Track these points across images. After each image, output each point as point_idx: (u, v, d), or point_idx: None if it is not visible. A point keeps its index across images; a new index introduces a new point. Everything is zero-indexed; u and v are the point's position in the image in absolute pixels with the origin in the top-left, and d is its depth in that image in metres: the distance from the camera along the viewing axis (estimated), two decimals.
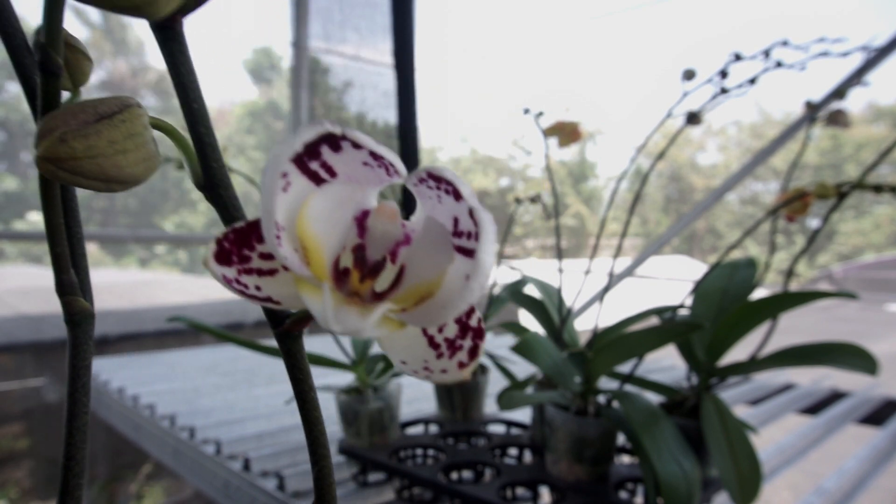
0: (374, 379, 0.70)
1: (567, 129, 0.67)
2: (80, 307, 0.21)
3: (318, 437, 0.20)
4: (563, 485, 0.57)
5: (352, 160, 0.17)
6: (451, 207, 0.16)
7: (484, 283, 0.15)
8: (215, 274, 0.16)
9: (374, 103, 2.37)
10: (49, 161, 0.16)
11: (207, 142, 0.19)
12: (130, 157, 0.17)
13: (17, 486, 1.75)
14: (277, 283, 0.17)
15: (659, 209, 17.05)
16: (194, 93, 0.18)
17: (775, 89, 16.95)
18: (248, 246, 0.17)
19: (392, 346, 0.18)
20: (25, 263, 7.36)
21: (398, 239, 0.17)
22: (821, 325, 6.60)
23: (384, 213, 0.17)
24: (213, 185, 0.19)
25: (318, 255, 0.16)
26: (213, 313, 2.49)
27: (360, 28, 2.30)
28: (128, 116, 0.18)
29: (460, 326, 0.18)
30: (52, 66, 0.18)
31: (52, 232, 0.21)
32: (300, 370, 0.20)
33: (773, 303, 0.57)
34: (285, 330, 0.20)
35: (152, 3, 0.16)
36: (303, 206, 0.16)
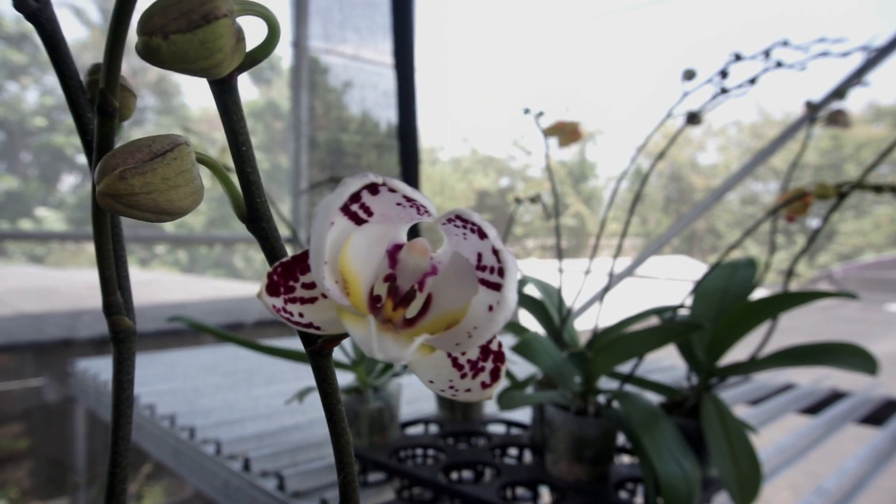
0: (374, 379, 0.70)
1: (567, 129, 0.67)
2: (124, 326, 0.23)
3: (345, 446, 0.22)
4: (563, 485, 0.57)
5: (387, 201, 0.18)
6: (475, 244, 0.18)
7: (508, 315, 0.17)
8: (266, 305, 0.18)
9: (374, 103, 2.37)
10: (109, 196, 0.18)
11: (253, 180, 0.21)
12: (181, 192, 0.19)
13: (17, 486, 1.75)
14: (317, 309, 0.19)
15: (659, 209, 17.06)
16: (243, 137, 0.21)
17: (775, 89, 16.94)
18: (292, 278, 0.19)
19: (420, 367, 0.20)
20: (26, 263, 7.37)
21: (426, 271, 0.19)
22: (821, 325, 6.60)
23: (416, 249, 0.19)
24: (257, 219, 0.21)
25: (356, 286, 0.18)
26: (213, 313, 2.49)
27: (360, 28, 2.30)
28: (178, 154, 0.19)
29: (482, 350, 0.20)
30: (110, 108, 0.20)
31: (101, 257, 0.23)
32: (329, 385, 0.22)
33: (773, 303, 0.57)
34: (318, 349, 0.21)
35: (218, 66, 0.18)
36: (344, 245, 0.18)
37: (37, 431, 1.78)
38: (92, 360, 1.30)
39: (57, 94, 8.55)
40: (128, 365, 0.23)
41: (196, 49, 0.17)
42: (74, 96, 0.23)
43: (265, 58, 0.20)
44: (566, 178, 16.60)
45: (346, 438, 0.22)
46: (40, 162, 8.69)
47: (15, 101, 8.07)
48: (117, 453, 0.23)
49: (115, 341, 0.23)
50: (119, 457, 0.23)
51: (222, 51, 0.18)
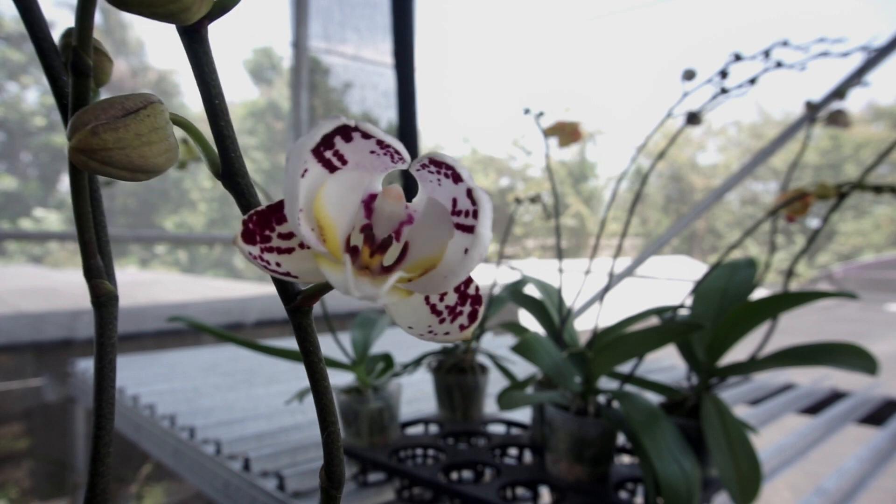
0: (374, 379, 0.70)
1: (567, 129, 0.67)
2: (105, 290, 0.23)
3: (328, 404, 0.22)
4: (563, 485, 0.57)
5: (361, 149, 0.18)
6: (449, 189, 0.18)
7: (482, 254, 0.17)
8: (242, 251, 0.18)
9: (374, 103, 2.38)
10: (82, 152, 0.18)
11: (227, 134, 0.21)
12: (154, 149, 0.19)
13: (17, 486, 1.75)
14: (294, 259, 0.19)
15: (659, 209, 17.05)
16: (215, 89, 0.20)
17: (775, 89, 16.94)
18: (268, 227, 0.19)
19: (399, 313, 0.20)
20: (25, 263, 7.36)
21: (402, 219, 0.19)
22: (821, 325, 6.60)
23: (391, 195, 0.19)
24: (232, 174, 0.21)
25: (332, 233, 0.18)
26: (212, 313, 2.49)
27: (360, 28, 2.30)
28: (152, 111, 0.19)
29: (459, 295, 0.20)
30: (83, 66, 0.20)
31: (80, 220, 0.23)
32: (310, 343, 0.22)
33: (773, 303, 0.57)
34: (297, 305, 0.21)
35: (186, 11, 0.18)
36: (319, 191, 0.18)
37: (37, 431, 1.78)
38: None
39: None
40: (110, 329, 0.23)
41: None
42: (49, 59, 0.23)
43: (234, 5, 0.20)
44: (566, 178, 16.60)
45: (328, 397, 0.22)
46: (40, 162, 8.68)
47: (15, 101, 8.07)
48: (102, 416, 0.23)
49: (96, 305, 0.23)
50: (103, 420, 0.23)
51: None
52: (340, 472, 0.23)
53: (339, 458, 0.22)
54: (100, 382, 0.23)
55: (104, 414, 0.23)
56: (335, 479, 0.23)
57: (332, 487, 0.23)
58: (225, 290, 4.52)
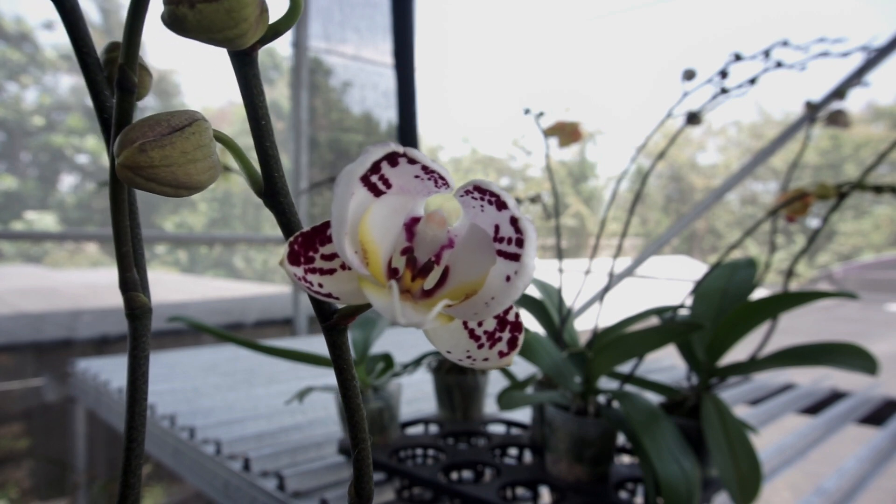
0: (374, 379, 0.70)
1: (567, 129, 0.67)
2: (140, 302, 0.24)
3: (359, 422, 0.22)
4: (563, 485, 0.57)
5: (405, 173, 0.19)
6: (492, 216, 0.19)
7: (527, 283, 0.17)
8: (289, 273, 0.18)
9: (374, 103, 2.38)
10: (129, 168, 0.18)
11: (272, 154, 0.21)
12: (199, 166, 0.20)
13: (17, 486, 1.75)
14: (336, 280, 0.20)
15: (659, 209, 17.05)
16: (262, 111, 0.21)
17: (775, 89, 16.94)
18: (312, 248, 0.19)
19: (438, 338, 0.20)
20: (25, 263, 7.36)
21: (443, 243, 0.20)
22: (821, 325, 6.60)
23: (434, 221, 0.19)
24: (275, 193, 0.21)
25: (375, 256, 0.18)
26: (212, 313, 2.49)
27: (360, 28, 2.30)
28: (197, 129, 0.20)
29: (498, 321, 0.20)
30: (128, 83, 0.21)
31: (118, 233, 0.23)
32: (344, 361, 0.22)
33: (773, 303, 0.57)
34: (333, 324, 0.22)
35: (242, 37, 0.18)
36: (364, 215, 0.18)
37: (37, 431, 1.78)
38: (92, 360, 1.30)
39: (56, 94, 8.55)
40: (143, 341, 0.24)
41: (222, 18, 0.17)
42: (92, 74, 0.23)
43: (287, 30, 0.20)
44: (566, 178, 16.60)
45: (360, 414, 0.22)
46: (39, 162, 8.68)
47: (14, 101, 8.07)
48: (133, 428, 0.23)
49: (131, 318, 0.23)
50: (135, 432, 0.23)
51: (247, 20, 0.18)
52: (370, 490, 0.23)
53: (368, 475, 0.22)
54: (132, 395, 0.23)
55: (136, 426, 0.23)
56: (364, 496, 0.23)
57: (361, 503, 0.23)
58: (225, 290, 4.52)
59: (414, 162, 0.18)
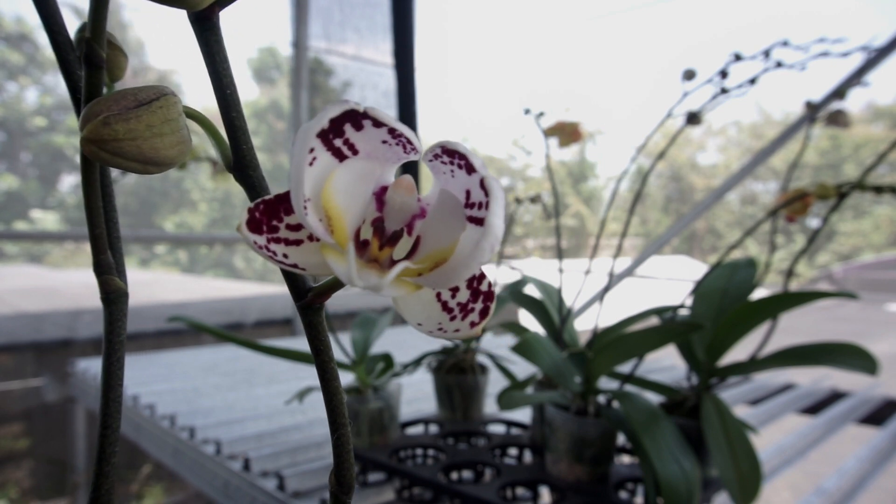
0: (374, 379, 0.70)
1: (567, 129, 0.67)
2: (115, 286, 0.23)
3: (338, 405, 0.22)
4: (563, 485, 0.57)
5: (372, 138, 0.18)
6: (463, 181, 0.18)
7: (494, 245, 0.16)
8: (247, 239, 0.18)
9: (374, 103, 2.37)
10: (93, 142, 0.18)
11: (238, 125, 0.20)
12: (166, 141, 0.19)
13: (17, 486, 1.75)
14: (303, 251, 0.19)
15: (659, 209, 17.05)
16: (227, 79, 0.20)
17: (775, 89, 16.94)
18: (276, 217, 0.19)
19: (409, 309, 0.19)
20: (25, 263, 7.36)
21: (414, 212, 0.19)
22: (821, 325, 6.60)
23: (402, 186, 0.18)
24: (243, 167, 0.21)
25: (340, 224, 0.18)
26: (212, 313, 2.49)
27: (360, 28, 2.30)
28: (164, 103, 0.19)
29: (472, 292, 0.19)
30: (96, 58, 0.20)
31: (91, 214, 0.22)
32: (321, 341, 0.21)
33: (773, 303, 0.57)
34: (308, 302, 0.21)
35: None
36: (327, 180, 0.18)
37: (37, 431, 1.78)
38: (92, 359, 1.30)
39: (56, 94, 8.55)
40: (119, 326, 0.23)
41: None
42: (63, 53, 0.23)
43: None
44: (566, 178, 16.60)
45: (339, 398, 0.22)
46: (40, 162, 8.68)
47: (15, 101, 8.07)
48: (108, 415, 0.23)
49: (106, 302, 0.23)
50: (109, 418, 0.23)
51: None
52: (350, 476, 0.22)
53: (349, 461, 0.22)
54: (107, 381, 0.23)
55: (110, 413, 0.23)
56: (345, 483, 0.22)
57: (343, 492, 0.22)
58: (225, 290, 4.52)
59: (380, 124, 0.17)
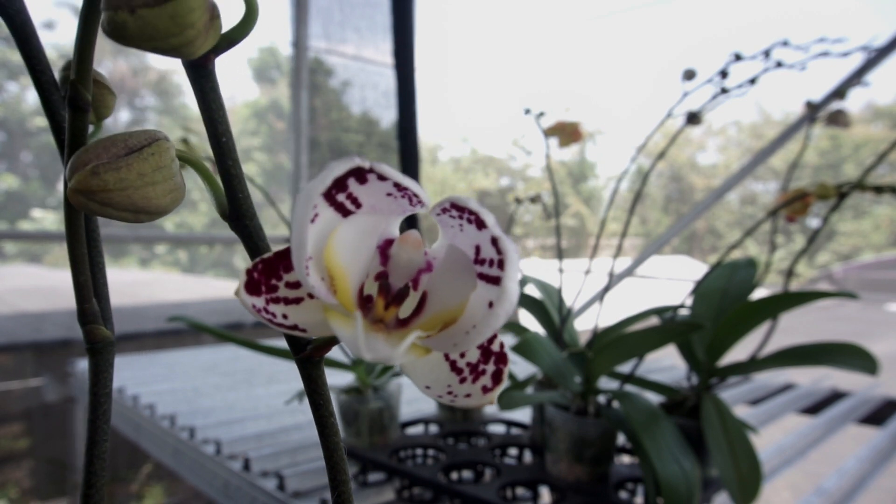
0: (374, 379, 0.70)
1: (567, 129, 0.67)
2: (101, 335, 0.22)
3: (339, 462, 0.21)
4: (563, 485, 0.57)
5: (376, 191, 0.17)
6: (472, 236, 0.17)
7: (509, 310, 0.15)
8: (246, 304, 0.17)
9: (374, 103, 2.38)
10: (81, 193, 0.17)
11: (234, 174, 0.19)
12: (159, 189, 0.18)
13: (17, 486, 1.75)
14: (303, 310, 0.18)
15: (659, 209, 17.06)
16: (223, 126, 0.19)
17: (775, 89, 16.95)
18: (275, 276, 0.18)
19: (415, 371, 0.18)
20: (25, 263, 7.36)
21: (420, 266, 0.18)
22: (821, 325, 6.60)
23: (409, 242, 0.17)
24: (240, 216, 0.20)
25: (343, 283, 0.17)
26: (213, 313, 2.49)
27: (360, 28, 2.30)
28: (156, 150, 0.18)
29: (482, 351, 0.18)
30: (82, 102, 0.19)
31: (75, 262, 0.21)
32: (321, 396, 0.20)
33: (773, 303, 0.57)
34: (307, 356, 0.20)
35: (189, 45, 0.17)
36: (330, 237, 0.17)
37: (37, 431, 1.78)
38: None
39: None
40: (105, 377, 0.22)
41: (165, 24, 0.16)
42: (47, 93, 0.22)
43: (243, 38, 0.19)
44: (566, 178, 16.60)
45: (339, 454, 0.21)
46: (40, 162, 8.68)
47: (15, 101, 8.07)
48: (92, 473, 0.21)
49: (92, 352, 0.22)
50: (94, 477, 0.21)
51: (194, 27, 0.16)
52: None
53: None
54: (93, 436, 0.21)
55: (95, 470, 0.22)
56: None
57: None
58: (225, 290, 4.52)
59: (384, 178, 0.16)
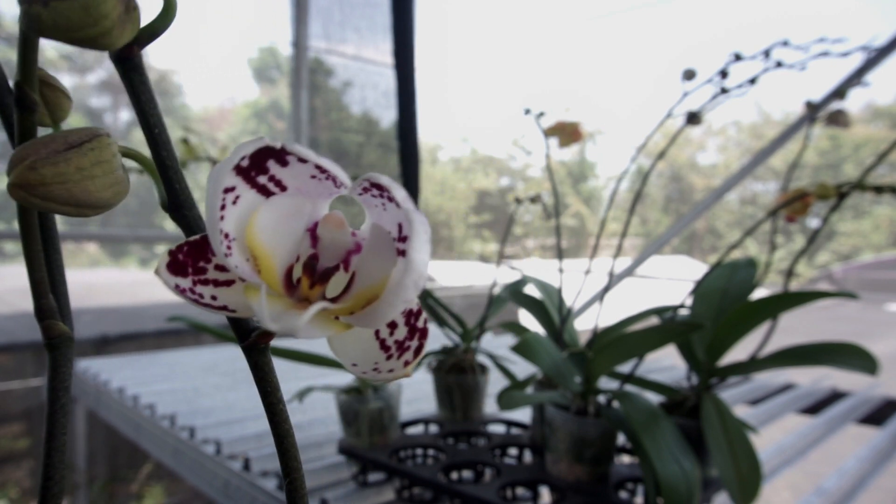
0: None
1: (567, 129, 0.67)
2: (59, 330, 0.22)
3: (290, 448, 0.21)
4: (563, 485, 0.57)
5: (300, 174, 0.17)
6: (395, 214, 0.17)
7: (418, 281, 0.15)
8: (168, 283, 0.17)
9: (374, 103, 2.38)
10: (20, 188, 0.17)
11: (169, 165, 0.20)
12: (98, 183, 0.18)
13: (18, 486, 1.75)
14: (235, 292, 0.18)
15: (659, 209, 17.06)
16: (155, 118, 0.19)
17: (775, 89, 16.95)
18: (203, 258, 0.18)
19: (344, 349, 0.19)
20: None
21: (349, 248, 0.18)
22: (821, 325, 6.60)
23: (331, 222, 0.18)
24: (178, 206, 0.20)
25: (268, 263, 0.17)
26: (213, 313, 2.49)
27: (360, 28, 2.30)
28: (97, 145, 0.19)
29: (409, 329, 0.19)
30: (28, 101, 0.19)
31: (30, 259, 0.22)
32: (269, 383, 0.21)
33: (773, 303, 0.57)
34: (252, 343, 0.20)
35: (106, 36, 0.17)
36: (251, 218, 0.17)
37: (37, 431, 1.78)
38: (92, 360, 1.30)
39: None
40: (63, 372, 0.22)
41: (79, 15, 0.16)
42: (1, 97, 0.22)
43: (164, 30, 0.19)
44: (566, 178, 16.60)
45: (290, 441, 0.21)
46: None
47: None
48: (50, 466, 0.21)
49: (49, 347, 0.22)
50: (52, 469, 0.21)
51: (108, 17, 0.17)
52: None
53: None
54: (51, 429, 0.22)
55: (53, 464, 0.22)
56: None
57: None
58: None
59: (305, 161, 0.17)
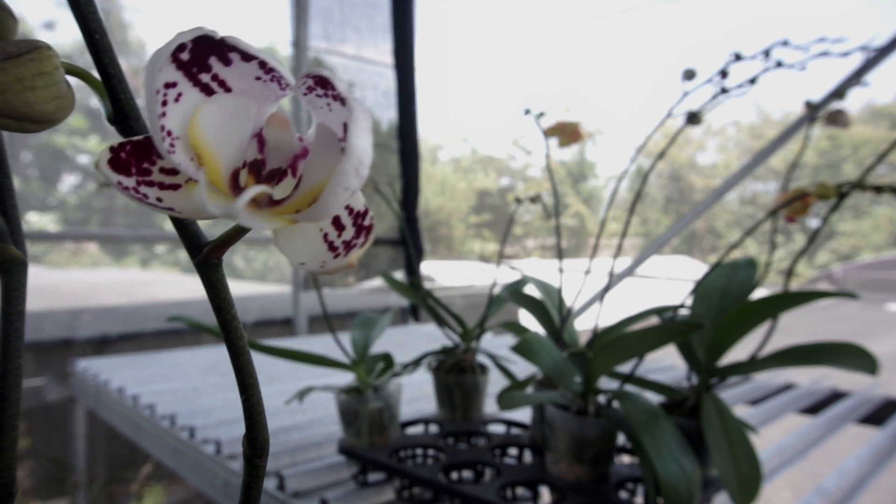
0: (374, 379, 0.70)
1: (568, 129, 0.67)
2: (10, 254, 0.22)
3: (245, 365, 0.21)
4: (563, 485, 0.57)
5: (244, 74, 0.17)
6: (340, 114, 0.17)
7: (358, 168, 0.15)
8: (110, 179, 0.16)
9: (375, 103, 2.38)
10: None
11: (112, 73, 0.19)
12: (40, 95, 0.18)
13: (17, 486, 1.75)
14: (180, 196, 0.18)
15: (659, 209, 17.06)
16: (94, 24, 0.19)
17: (775, 89, 16.96)
18: (147, 160, 0.18)
19: (292, 249, 0.18)
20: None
21: (295, 150, 0.18)
22: (821, 325, 6.60)
23: (275, 121, 0.18)
24: (124, 116, 0.20)
25: (213, 163, 0.17)
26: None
27: (361, 28, 2.30)
28: (36, 56, 0.18)
29: (356, 228, 0.19)
30: None
31: None
32: (222, 300, 0.20)
33: (773, 303, 0.57)
34: (204, 258, 0.20)
35: None
36: (193, 116, 0.17)
37: (37, 431, 1.78)
38: (92, 359, 1.30)
39: None
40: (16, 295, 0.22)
41: None
42: None
43: None
44: (566, 178, 16.60)
45: (245, 357, 0.21)
46: (40, 162, 8.68)
47: None
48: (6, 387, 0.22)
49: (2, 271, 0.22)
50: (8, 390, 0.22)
51: None
52: (263, 439, 0.21)
53: (261, 423, 0.21)
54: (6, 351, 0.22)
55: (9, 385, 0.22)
56: (258, 446, 0.21)
57: (255, 455, 0.21)
58: None
59: (249, 57, 0.16)
